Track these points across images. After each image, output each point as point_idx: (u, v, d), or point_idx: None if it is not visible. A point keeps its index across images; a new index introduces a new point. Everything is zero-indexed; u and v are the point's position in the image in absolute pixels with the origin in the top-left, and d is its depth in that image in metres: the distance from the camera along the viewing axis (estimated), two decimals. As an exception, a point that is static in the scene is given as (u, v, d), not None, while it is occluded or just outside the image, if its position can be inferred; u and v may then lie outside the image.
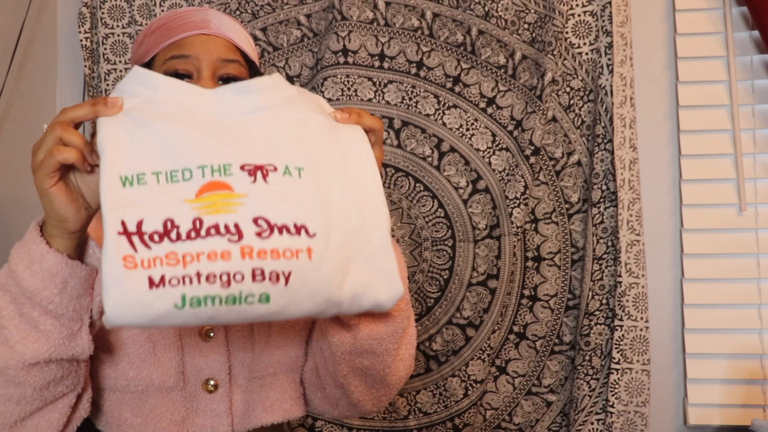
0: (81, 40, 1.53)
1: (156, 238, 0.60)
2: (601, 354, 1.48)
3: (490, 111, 1.52)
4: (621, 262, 1.45)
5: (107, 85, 1.55)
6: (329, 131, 0.71)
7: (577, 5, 1.51)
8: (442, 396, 1.52)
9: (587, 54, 1.52)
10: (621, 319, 1.45)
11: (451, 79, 1.53)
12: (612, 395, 1.45)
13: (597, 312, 1.48)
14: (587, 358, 1.47)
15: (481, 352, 1.50)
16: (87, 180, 0.67)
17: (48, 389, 0.71)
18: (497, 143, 1.52)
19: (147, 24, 1.17)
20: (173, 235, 0.60)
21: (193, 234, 0.60)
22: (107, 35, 1.55)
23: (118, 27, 1.55)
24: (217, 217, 0.62)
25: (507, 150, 1.51)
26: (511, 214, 1.49)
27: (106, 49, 1.55)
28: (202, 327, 0.86)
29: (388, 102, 1.52)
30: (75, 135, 0.63)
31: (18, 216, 1.54)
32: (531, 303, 1.54)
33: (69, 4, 1.64)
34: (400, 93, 1.53)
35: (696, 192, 1.54)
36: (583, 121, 1.53)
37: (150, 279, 0.59)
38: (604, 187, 1.48)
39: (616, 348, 1.44)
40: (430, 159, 1.53)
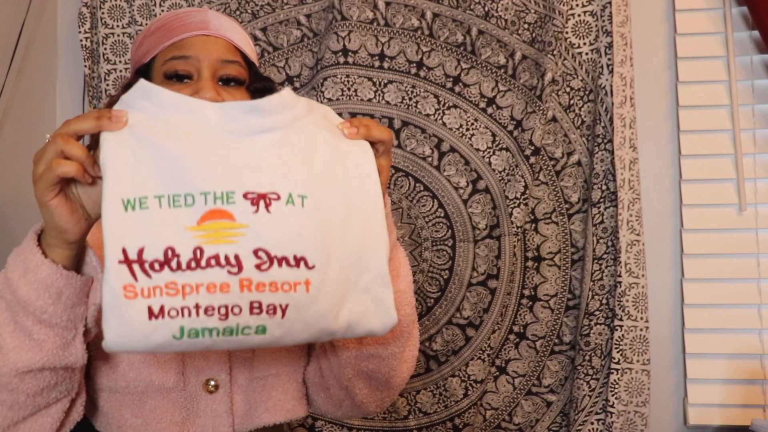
0: (81, 40, 1.53)
1: (156, 266, 0.60)
2: (601, 354, 1.48)
3: (490, 111, 1.52)
4: (621, 262, 1.45)
5: (107, 85, 1.55)
6: (335, 152, 0.70)
7: (577, 5, 1.51)
8: (442, 396, 1.52)
9: (587, 54, 1.52)
10: (621, 319, 1.45)
11: (451, 79, 1.53)
12: (612, 395, 1.45)
13: (597, 312, 1.48)
14: (587, 358, 1.47)
15: (481, 352, 1.50)
16: (88, 191, 0.66)
17: (41, 395, 0.71)
18: (497, 143, 1.52)
19: (147, 24, 1.17)
20: (173, 264, 0.61)
21: (194, 264, 0.61)
22: (107, 35, 1.55)
23: (118, 27, 1.55)
24: (218, 248, 0.62)
25: (507, 150, 1.51)
26: (511, 214, 1.49)
27: (106, 49, 1.55)
28: None
29: (388, 102, 1.52)
30: (77, 148, 0.63)
31: (18, 216, 1.54)
32: (531, 303, 1.54)
33: (69, 4, 1.64)
34: (400, 93, 1.53)
35: (696, 192, 1.54)
36: (583, 121, 1.53)
37: (150, 309, 0.60)
38: (604, 187, 1.48)
39: (616, 348, 1.44)
40: (430, 159, 1.52)
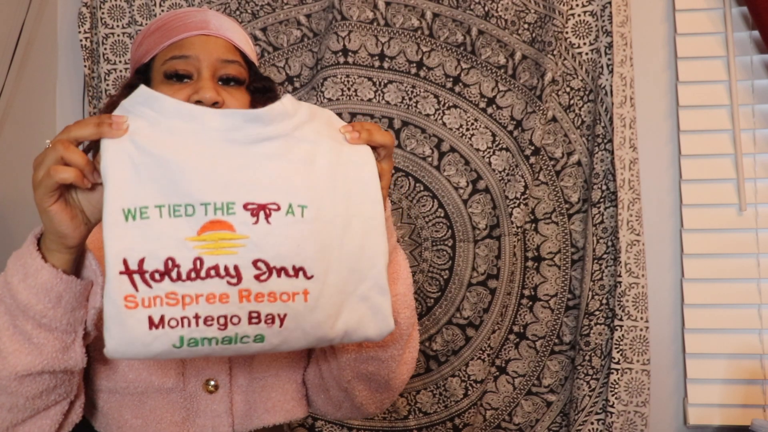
0: (81, 40, 1.53)
1: (157, 276, 0.61)
2: (601, 354, 1.48)
3: (490, 111, 1.52)
4: (621, 262, 1.45)
5: (107, 85, 1.55)
6: (336, 159, 0.70)
7: (577, 5, 1.51)
8: (442, 396, 1.52)
9: (587, 54, 1.52)
10: (621, 319, 1.45)
11: (451, 79, 1.53)
12: (612, 395, 1.45)
13: (597, 312, 1.47)
14: (587, 358, 1.47)
15: (481, 352, 1.50)
16: (88, 196, 0.66)
17: (40, 398, 0.71)
18: (497, 143, 1.52)
19: (147, 24, 1.17)
20: (174, 275, 0.61)
21: (194, 274, 0.62)
22: (107, 35, 1.55)
23: (118, 27, 1.55)
24: (218, 258, 0.62)
25: (507, 150, 1.51)
26: (511, 214, 1.49)
27: (106, 49, 1.55)
28: None
29: (388, 102, 1.52)
30: (77, 154, 0.63)
31: (18, 216, 1.53)
32: (531, 303, 1.54)
33: (69, 4, 1.64)
34: (400, 93, 1.53)
35: (696, 192, 1.54)
36: (583, 121, 1.52)
37: (150, 319, 0.61)
38: (604, 187, 1.48)
39: (616, 348, 1.44)
40: (430, 159, 1.52)
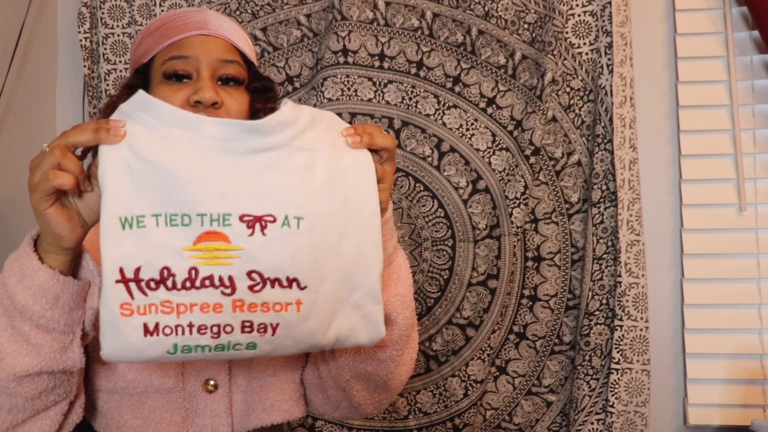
0: (81, 40, 1.53)
1: (153, 285, 0.62)
2: (601, 354, 1.47)
3: (490, 111, 1.52)
4: (621, 262, 1.45)
5: (107, 85, 1.55)
6: (335, 168, 0.70)
7: (577, 5, 1.51)
8: (442, 396, 1.52)
9: (587, 54, 1.51)
10: (621, 319, 1.44)
11: (451, 79, 1.53)
12: (612, 395, 1.45)
13: (597, 312, 1.47)
14: (587, 358, 1.47)
15: (481, 352, 1.50)
16: (85, 199, 0.67)
17: (40, 399, 0.72)
18: (497, 143, 1.52)
19: (146, 24, 1.17)
20: (169, 284, 0.63)
21: (188, 284, 0.63)
22: (107, 35, 1.55)
23: (118, 27, 1.55)
24: (213, 269, 0.64)
25: (507, 150, 1.51)
26: (511, 214, 1.49)
27: (106, 49, 1.55)
28: None
29: (388, 102, 1.52)
30: (73, 162, 0.63)
31: (18, 216, 1.53)
32: (531, 303, 1.54)
33: (69, 4, 1.64)
34: (400, 93, 1.52)
35: (696, 192, 1.54)
36: (583, 121, 1.52)
37: (145, 326, 0.62)
38: (604, 187, 1.48)
39: (616, 348, 1.44)
40: (430, 159, 1.52)
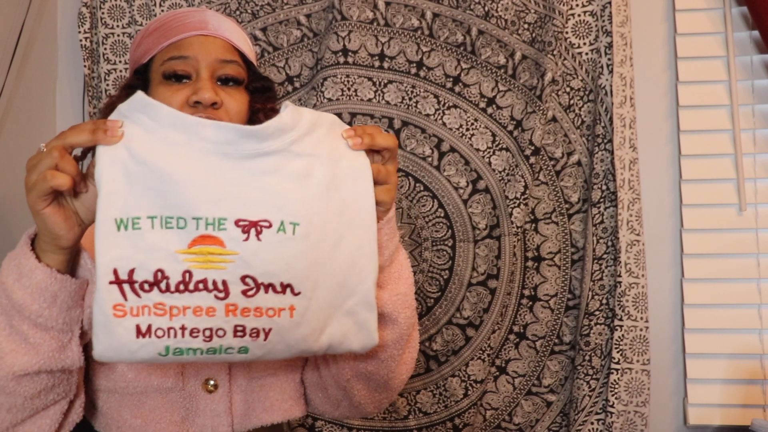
0: (81, 40, 1.53)
1: (146, 287, 0.62)
2: (601, 354, 1.47)
3: (490, 111, 1.52)
4: (621, 262, 1.45)
5: (107, 85, 1.55)
6: (332, 174, 0.70)
7: (577, 5, 1.51)
8: (442, 396, 1.52)
9: (587, 54, 1.51)
10: (621, 319, 1.44)
11: (451, 79, 1.53)
12: (612, 395, 1.45)
13: (597, 312, 1.47)
14: (587, 358, 1.47)
15: (481, 352, 1.50)
16: (82, 199, 0.67)
17: (39, 398, 0.72)
18: (497, 143, 1.52)
19: (146, 24, 1.17)
20: (163, 286, 0.63)
21: (182, 287, 0.63)
22: (107, 35, 1.55)
23: (118, 27, 1.55)
24: (207, 273, 0.64)
25: (507, 150, 1.51)
26: (511, 214, 1.49)
27: (106, 49, 1.55)
28: None
29: (388, 102, 1.52)
30: (70, 164, 0.64)
31: (18, 216, 1.53)
32: (531, 303, 1.54)
33: (69, 4, 1.64)
34: (400, 93, 1.52)
35: (696, 192, 1.54)
36: (583, 121, 1.52)
37: (138, 328, 0.62)
38: (604, 187, 1.48)
39: (616, 348, 1.44)
40: (430, 159, 1.52)
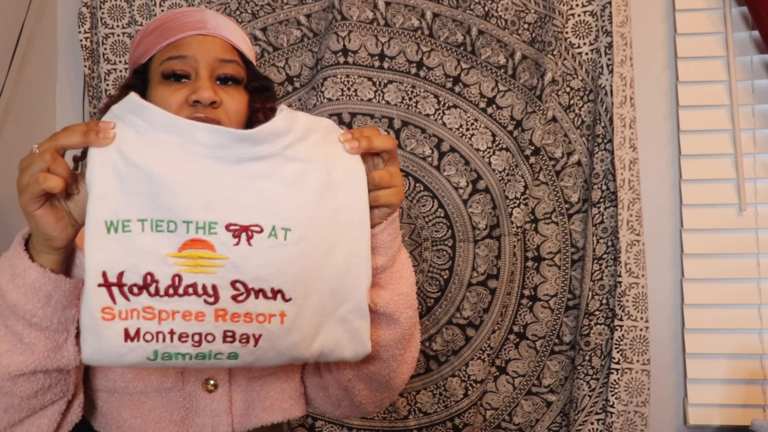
0: (81, 40, 1.53)
1: (135, 290, 0.62)
2: (601, 354, 1.47)
3: (490, 111, 1.52)
4: (621, 262, 1.45)
5: (107, 85, 1.55)
6: (326, 180, 0.70)
7: (577, 5, 1.51)
8: (442, 396, 1.52)
9: (587, 54, 1.51)
10: (621, 319, 1.44)
11: (451, 79, 1.53)
12: (612, 395, 1.45)
13: (597, 312, 1.47)
14: (587, 358, 1.47)
15: (481, 352, 1.50)
16: (75, 200, 0.67)
17: (36, 398, 0.72)
18: (497, 143, 1.52)
19: (146, 24, 1.17)
20: (152, 290, 0.62)
21: (171, 291, 0.63)
22: (107, 35, 1.55)
23: (118, 27, 1.55)
24: (196, 277, 0.63)
25: (507, 150, 1.51)
26: (511, 214, 1.49)
27: (106, 49, 1.55)
28: None
29: (388, 102, 1.52)
30: (62, 166, 0.64)
31: (18, 215, 1.54)
32: (531, 303, 1.54)
33: (69, 4, 1.64)
34: (400, 93, 1.52)
35: (696, 192, 1.54)
36: (583, 121, 1.52)
37: (126, 331, 0.62)
38: (604, 187, 1.48)
39: (616, 348, 1.44)
40: (430, 159, 1.52)
